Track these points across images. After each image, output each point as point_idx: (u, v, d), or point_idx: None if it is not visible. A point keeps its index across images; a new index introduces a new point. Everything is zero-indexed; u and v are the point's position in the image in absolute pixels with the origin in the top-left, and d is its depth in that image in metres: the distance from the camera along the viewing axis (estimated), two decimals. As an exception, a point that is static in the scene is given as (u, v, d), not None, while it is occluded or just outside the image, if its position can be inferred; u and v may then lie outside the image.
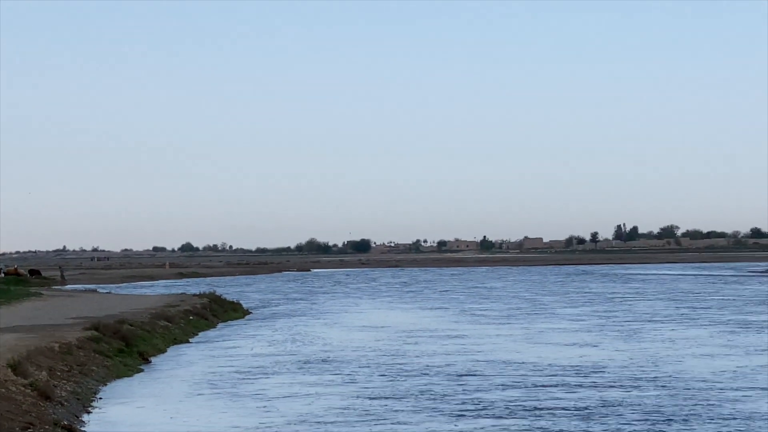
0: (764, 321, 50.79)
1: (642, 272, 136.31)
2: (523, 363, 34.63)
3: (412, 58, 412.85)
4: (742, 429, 22.11)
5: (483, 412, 24.74)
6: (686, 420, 23.23)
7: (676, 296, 76.11)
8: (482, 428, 22.75)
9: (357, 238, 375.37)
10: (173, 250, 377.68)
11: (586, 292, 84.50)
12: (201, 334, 47.54)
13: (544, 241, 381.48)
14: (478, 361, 35.52)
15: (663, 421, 23.19)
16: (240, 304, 64.84)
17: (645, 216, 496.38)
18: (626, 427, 22.65)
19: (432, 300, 76.36)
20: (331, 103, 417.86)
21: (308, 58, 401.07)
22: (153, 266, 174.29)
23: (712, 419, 23.33)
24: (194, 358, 37.53)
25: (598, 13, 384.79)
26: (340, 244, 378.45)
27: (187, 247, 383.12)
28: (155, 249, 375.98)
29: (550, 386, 28.95)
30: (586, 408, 25.11)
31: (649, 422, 23.05)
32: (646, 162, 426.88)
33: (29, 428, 20.51)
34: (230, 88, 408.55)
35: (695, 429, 22.21)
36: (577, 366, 33.57)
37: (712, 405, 25.24)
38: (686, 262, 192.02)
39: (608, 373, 31.74)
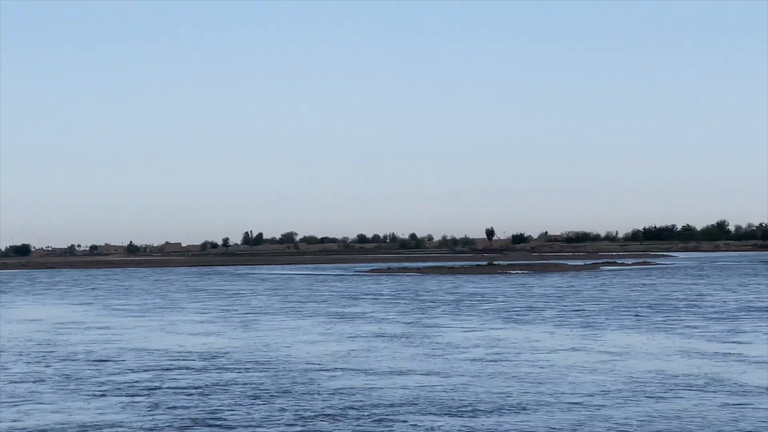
0: (357, 312, 52.36)
1: (265, 272, 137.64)
2: (155, 350, 34.71)
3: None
4: (328, 401, 22.88)
5: (116, 392, 24.74)
6: (284, 394, 23.89)
7: (287, 292, 77.27)
8: (117, 404, 22.74)
9: (18, 242, 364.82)
10: None
11: (213, 290, 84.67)
12: None
13: (183, 245, 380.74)
14: (116, 348, 35.38)
15: (266, 396, 23.75)
16: None
17: (269, 223, 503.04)
18: (234, 400, 23.12)
19: (81, 296, 74.91)
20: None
21: None
22: None
23: (308, 393, 24.02)
24: None
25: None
26: (3, 249, 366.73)
27: None
28: None
29: (177, 369, 29.15)
30: (204, 386, 25.45)
31: (253, 397, 23.57)
32: (270, 176, 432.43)
33: None
34: None
35: (291, 401, 22.84)
36: (201, 352, 33.87)
37: (309, 383, 25.97)
38: (303, 264, 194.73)
39: (227, 357, 32.16)
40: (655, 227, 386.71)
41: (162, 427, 20.04)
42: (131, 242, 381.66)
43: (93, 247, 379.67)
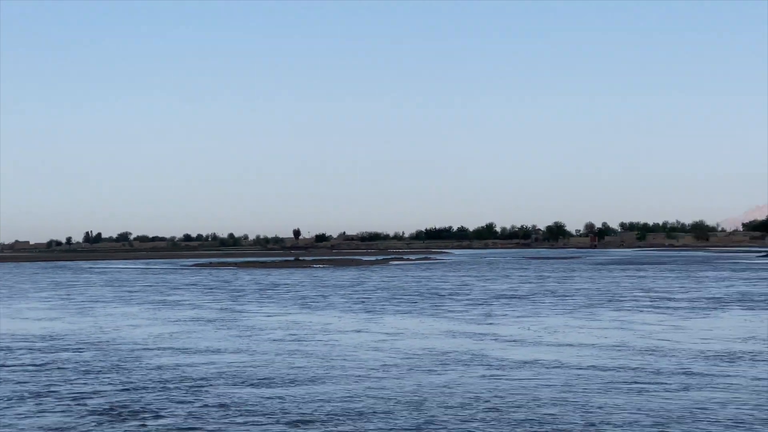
0: (179, 300, 51.88)
1: (103, 266, 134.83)
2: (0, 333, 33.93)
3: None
4: (150, 376, 22.76)
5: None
6: (112, 370, 23.67)
7: (120, 284, 75.96)
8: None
9: None
10: None
11: (56, 281, 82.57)
12: None
13: (31, 243, 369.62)
14: (-35, 332, 34.44)
15: (96, 371, 23.52)
16: None
17: (106, 224, 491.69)
18: (67, 375, 22.82)
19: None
20: None
21: None
22: None
23: (134, 369, 23.87)
24: None
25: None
26: None
27: None
28: None
29: (18, 350, 28.50)
30: (42, 364, 25.05)
31: (85, 372, 23.33)
32: (108, 180, 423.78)
33: None
34: None
35: (118, 376, 22.64)
36: (42, 335, 33.18)
37: (135, 360, 25.82)
38: (137, 259, 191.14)
39: (64, 339, 31.59)
40: (435, 228, 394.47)
41: None
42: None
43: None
